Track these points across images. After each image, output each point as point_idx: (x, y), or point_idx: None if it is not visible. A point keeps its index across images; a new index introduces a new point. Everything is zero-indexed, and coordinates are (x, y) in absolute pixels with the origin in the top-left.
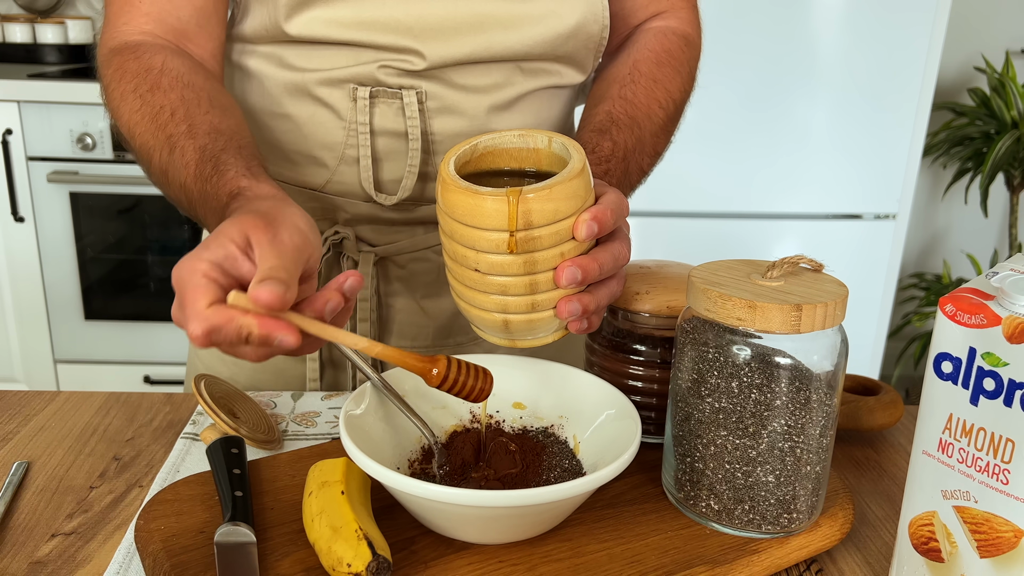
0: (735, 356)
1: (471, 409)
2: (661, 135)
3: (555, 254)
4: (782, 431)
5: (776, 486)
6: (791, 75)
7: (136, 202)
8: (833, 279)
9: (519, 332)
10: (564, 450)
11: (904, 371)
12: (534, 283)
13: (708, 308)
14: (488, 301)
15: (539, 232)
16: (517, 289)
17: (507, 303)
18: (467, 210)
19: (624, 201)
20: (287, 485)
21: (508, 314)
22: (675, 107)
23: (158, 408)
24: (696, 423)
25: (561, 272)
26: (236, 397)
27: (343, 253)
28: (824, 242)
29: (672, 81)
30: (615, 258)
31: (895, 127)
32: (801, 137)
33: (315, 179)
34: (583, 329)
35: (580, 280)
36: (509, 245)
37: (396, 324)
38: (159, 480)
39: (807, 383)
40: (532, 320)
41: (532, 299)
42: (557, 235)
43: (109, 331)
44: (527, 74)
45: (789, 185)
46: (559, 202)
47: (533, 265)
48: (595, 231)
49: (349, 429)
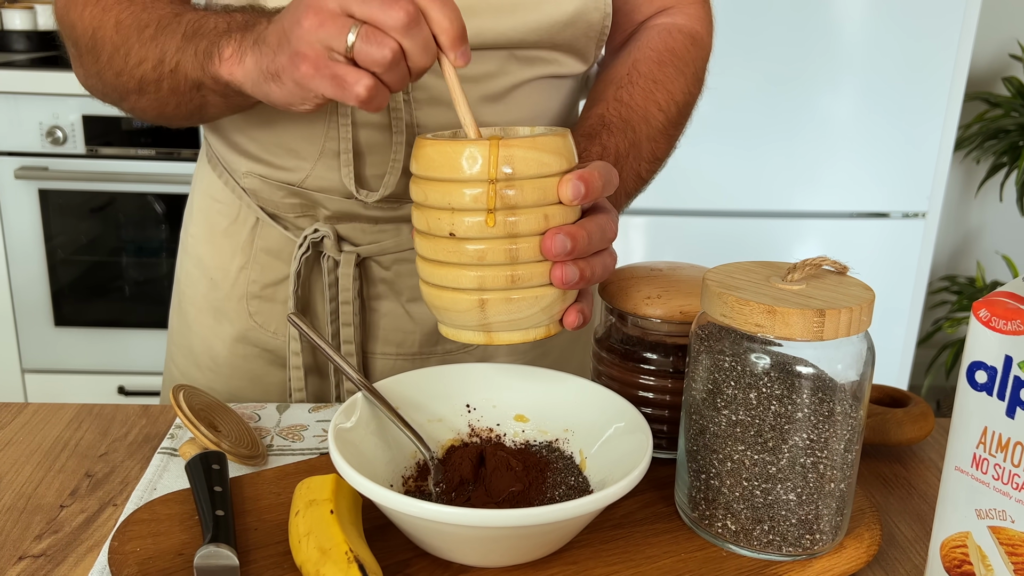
0: (753, 365)
1: (470, 423)
2: (660, 139)
3: (538, 216)
4: (804, 446)
5: (798, 505)
6: (812, 62)
7: (110, 200)
8: (858, 282)
9: (498, 318)
10: (569, 466)
11: (935, 381)
12: (515, 250)
13: (724, 314)
14: (463, 276)
15: (521, 185)
16: (496, 256)
17: (484, 277)
18: (443, 160)
19: (612, 169)
20: (272, 504)
21: (485, 291)
22: (677, 110)
23: (133, 421)
24: (711, 437)
25: (550, 239)
26: (217, 409)
27: (323, 253)
28: (848, 242)
29: (674, 82)
30: (603, 230)
31: (925, 119)
32: (823, 129)
33: (293, 174)
34: (579, 323)
35: (570, 249)
36: (488, 199)
37: (380, 329)
38: (134, 498)
39: (831, 394)
40: (512, 300)
41: (512, 271)
42: (541, 191)
43: (81, 338)
44: (522, 63)
45: (811, 181)
46: (544, 153)
47: (514, 227)
48: (582, 192)
49: (339, 443)
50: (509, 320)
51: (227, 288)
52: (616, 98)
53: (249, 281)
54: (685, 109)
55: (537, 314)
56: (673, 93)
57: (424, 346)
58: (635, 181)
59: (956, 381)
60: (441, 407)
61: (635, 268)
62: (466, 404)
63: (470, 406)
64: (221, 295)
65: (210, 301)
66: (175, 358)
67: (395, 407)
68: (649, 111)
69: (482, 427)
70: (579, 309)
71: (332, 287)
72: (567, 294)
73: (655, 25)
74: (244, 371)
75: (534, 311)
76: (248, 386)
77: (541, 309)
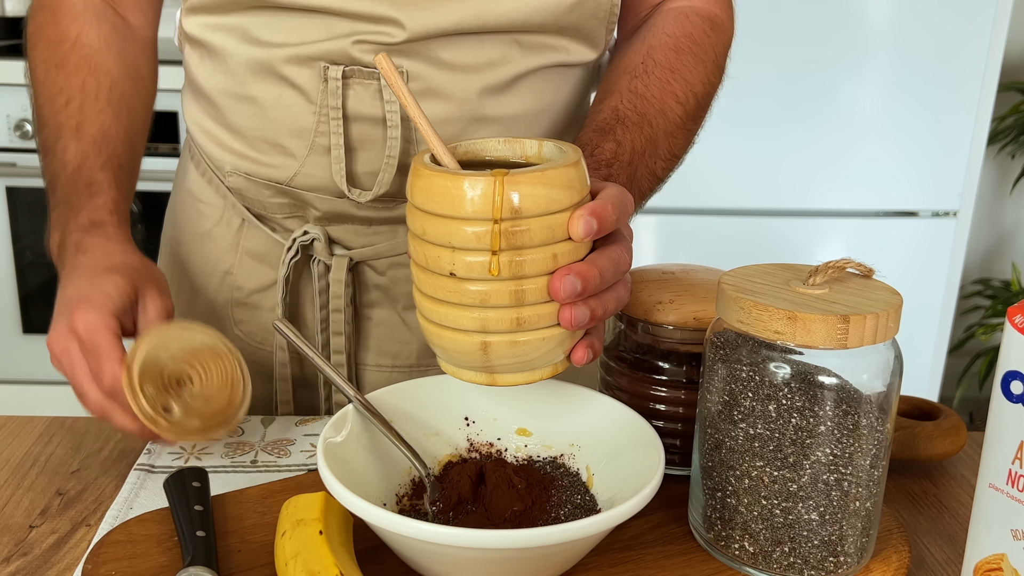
0: (772, 375)
1: (469, 437)
2: (678, 134)
3: (546, 256)
4: (827, 461)
5: (820, 525)
6: (835, 48)
7: None
8: (885, 286)
9: (501, 361)
10: (576, 483)
11: (968, 392)
12: (520, 292)
13: (741, 320)
14: (464, 317)
15: (528, 224)
16: (500, 298)
17: (487, 318)
18: (443, 195)
19: (627, 196)
20: (257, 524)
21: (488, 334)
22: (696, 102)
23: (108, 435)
24: (728, 452)
25: (558, 281)
26: (203, 356)
27: (313, 256)
28: (874, 243)
29: (693, 71)
30: (615, 264)
31: (956, 110)
32: (847, 121)
33: (281, 171)
34: (588, 359)
35: (580, 290)
36: (492, 239)
37: (374, 339)
38: (109, 518)
39: (856, 406)
40: (517, 343)
41: (518, 314)
42: (549, 231)
43: None
44: (527, 49)
45: (833, 177)
46: (553, 189)
47: (520, 268)
48: (594, 228)
49: (328, 459)
50: (514, 362)
51: (210, 294)
52: (631, 89)
53: (233, 287)
54: (704, 101)
55: (545, 355)
56: (692, 83)
57: (422, 358)
58: (651, 181)
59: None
60: (438, 420)
61: (646, 271)
62: (464, 417)
63: (469, 419)
64: (203, 302)
65: (192, 308)
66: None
67: (388, 420)
68: (666, 103)
69: (482, 441)
70: (587, 344)
71: (322, 294)
72: (576, 332)
73: (671, 8)
74: None
75: (541, 352)
76: None
77: (549, 350)
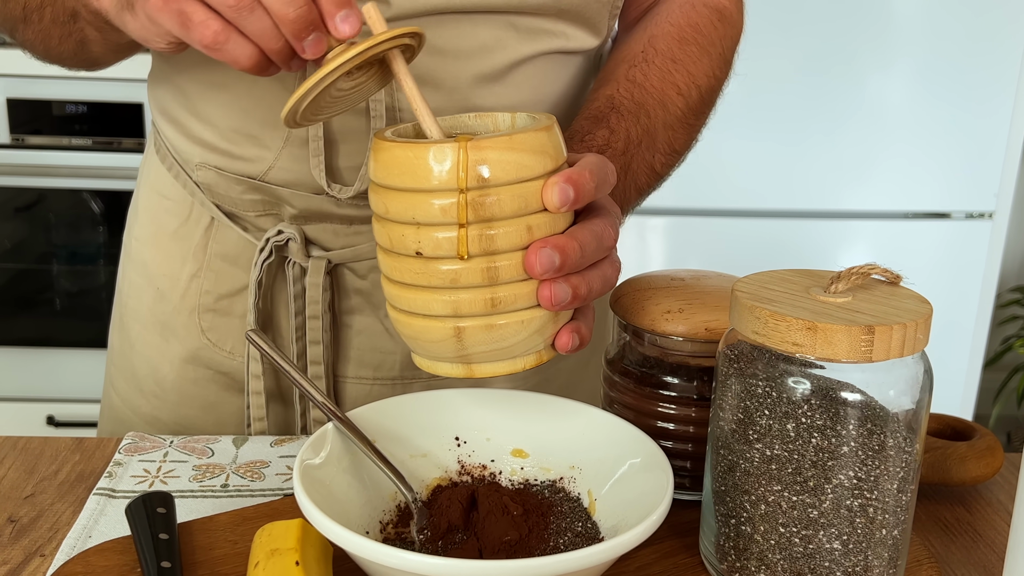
0: (791, 391)
1: (460, 459)
2: (679, 128)
3: (520, 229)
4: (850, 485)
5: (843, 555)
6: (860, 40)
7: (38, 198)
8: (914, 294)
9: (478, 348)
10: (576, 509)
11: (1005, 410)
12: (493, 269)
13: (757, 331)
14: (434, 301)
15: (497, 193)
16: (471, 277)
17: (459, 301)
18: (404, 167)
19: (607, 165)
20: (227, 554)
21: (461, 318)
22: (699, 95)
23: (65, 456)
24: (742, 475)
25: (533, 255)
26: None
27: (288, 258)
28: (902, 247)
29: (697, 63)
30: (598, 238)
31: (991, 103)
32: (873, 116)
33: (254, 165)
34: (574, 346)
35: (559, 265)
36: (459, 211)
37: (354, 349)
38: (66, 547)
39: (882, 425)
40: (493, 328)
41: (492, 294)
42: (521, 200)
43: (3, 360)
44: (524, 34)
45: (858, 176)
46: (522, 154)
47: (492, 242)
48: (571, 197)
49: (306, 483)
50: (492, 350)
51: (176, 300)
52: (629, 78)
53: (202, 292)
54: (708, 95)
55: (525, 341)
56: (695, 75)
57: (405, 370)
58: (648, 175)
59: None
60: (426, 440)
61: (653, 278)
62: (455, 437)
63: (460, 439)
64: (169, 308)
65: (156, 315)
66: (115, 382)
67: (372, 440)
68: (667, 94)
69: (474, 464)
70: (573, 329)
71: (298, 299)
72: (560, 314)
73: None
74: (195, 397)
75: (521, 337)
76: (199, 415)
77: (529, 335)
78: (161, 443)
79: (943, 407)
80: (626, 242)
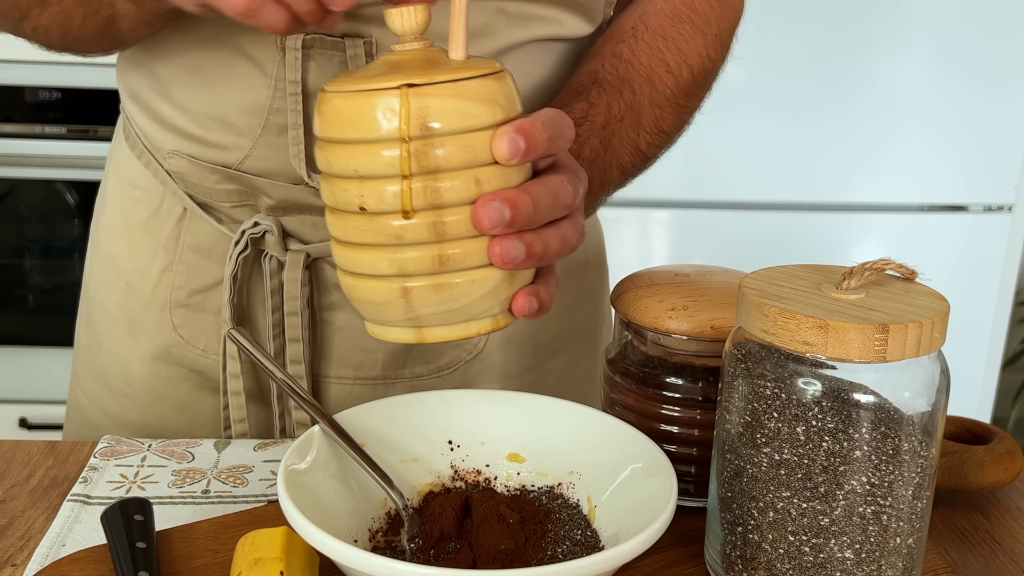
0: (801, 392)
1: (453, 463)
2: (667, 107)
3: (467, 181)
4: (863, 491)
5: (856, 564)
6: (873, 21)
7: (9, 189)
8: (930, 291)
9: (427, 310)
10: (575, 517)
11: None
12: (440, 224)
13: (765, 329)
14: (380, 260)
15: (443, 143)
16: (417, 233)
17: (406, 259)
18: (345, 117)
19: (564, 119)
20: (208, 563)
21: (408, 278)
22: (691, 75)
23: (38, 461)
24: (750, 481)
25: (481, 208)
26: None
27: (265, 251)
28: (918, 242)
29: (690, 42)
30: (554, 194)
31: (1011, 91)
32: (887, 104)
33: (230, 153)
34: (532, 310)
35: (509, 220)
36: (402, 162)
37: (335, 348)
38: (38, 556)
39: (896, 428)
40: (442, 287)
41: (440, 251)
42: (468, 151)
43: None
44: (514, 20)
45: (870, 167)
46: (468, 102)
47: (437, 195)
48: (521, 148)
49: (291, 489)
50: (442, 311)
51: (146, 295)
52: (615, 53)
53: (173, 286)
54: (701, 77)
55: (477, 302)
56: (686, 54)
57: (388, 369)
58: (632, 153)
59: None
60: (417, 444)
61: (656, 273)
62: (448, 440)
63: (453, 443)
64: (139, 303)
65: (125, 310)
66: (81, 381)
67: (360, 444)
68: (654, 71)
69: (468, 469)
70: (531, 292)
71: (275, 294)
72: (516, 275)
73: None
74: (167, 397)
75: (472, 298)
76: (172, 415)
77: (482, 296)
78: (139, 447)
79: (960, 409)
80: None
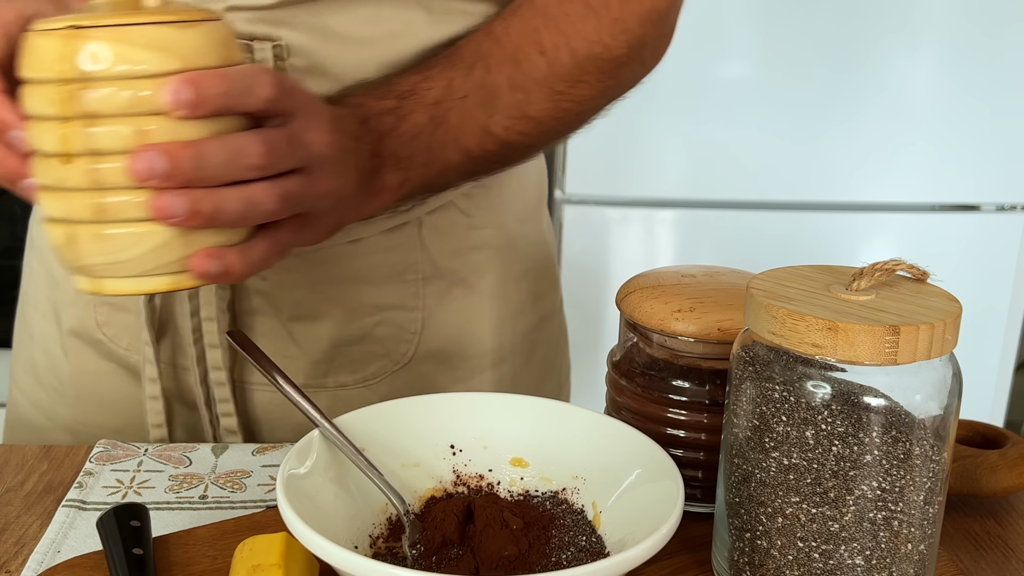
0: (810, 396)
1: (455, 468)
2: (535, 91)
3: (129, 130)
4: (874, 497)
5: (866, 571)
6: (882, 19)
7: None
8: (941, 292)
9: (94, 260)
10: (580, 522)
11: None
12: (96, 172)
13: (773, 331)
14: (51, 203)
15: (100, 86)
16: (76, 179)
17: (70, 204)
18: (24, 57)
19: (260, 76)
20: (206, 570)
21: (72, 224)
22: (572, 60)
23: (32, 465)
24: (758, 486)
25: (135, 157)
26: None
27: None
28: (929, 242)
29: (576, 23)
30: (234, 153)
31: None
32: (897, 102)
33: None
34: (213, 272)
35: (166, 173)
36: (60, 103)
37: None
38: (33, 563)
39: (907, 432)
40: (104, 238)
41: (99, 199)
42: (132, 99)
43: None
44: (437, 16)
45: (880, 166)
46: (136, 49)
47: (93, 141)
48: (184, 99)
49: (290, 494)
50: (109, 263)
51: (70, 289)
52: (487, 29)
53: None
54: (588, 64)
55: (146, 257)
56: (569, 36)
57: (311, 377)
58: (481, 136)
59: None
60: (419, 448)
61: (662, 274)
62: (450, 444)
63: (455, 447)
64: (64, 297)
65: (52, 303)
66: (16, 376)
67: (361, 448)
68: (523, 51)
69: (470, 473)
70: (213, 253)
71: (193, 298)
72: (193, 234)
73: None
74: (94, 392)
75: (138, 252)
76: (99, 411)
77: (150, 250)
78: (135, 451)
79: (973, 413)
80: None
